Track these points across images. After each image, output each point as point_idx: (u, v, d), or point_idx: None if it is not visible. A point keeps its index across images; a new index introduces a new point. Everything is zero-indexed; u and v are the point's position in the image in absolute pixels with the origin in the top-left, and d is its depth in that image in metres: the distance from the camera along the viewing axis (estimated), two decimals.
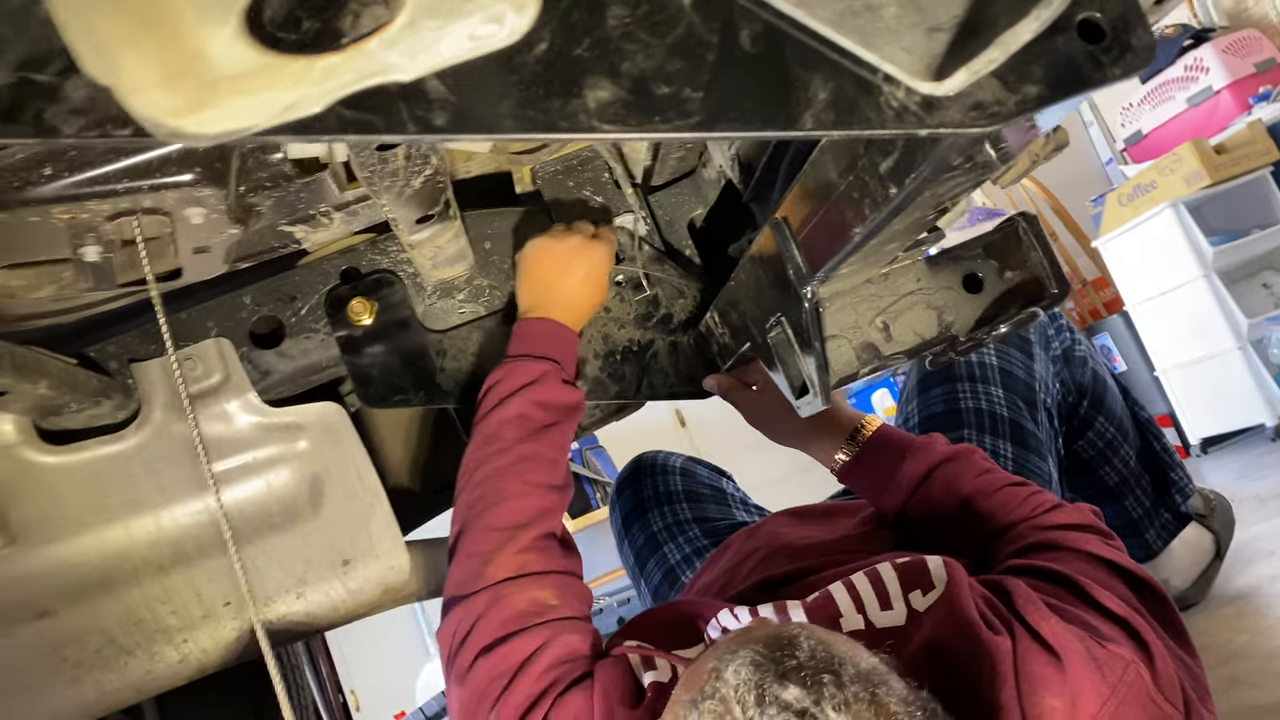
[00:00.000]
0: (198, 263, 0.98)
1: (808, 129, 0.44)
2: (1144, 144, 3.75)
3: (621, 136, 0.44)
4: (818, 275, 0.75)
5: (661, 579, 1.60)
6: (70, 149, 0.74)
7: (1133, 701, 0.80)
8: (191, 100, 0.33)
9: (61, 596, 1.16)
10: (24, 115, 0.41)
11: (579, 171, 1.35)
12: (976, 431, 1.32)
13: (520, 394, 1.15)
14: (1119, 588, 0.93)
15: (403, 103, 0.42)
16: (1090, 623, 0.87)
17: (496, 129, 0.43)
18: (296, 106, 0.35)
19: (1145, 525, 1.60)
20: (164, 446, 1.20)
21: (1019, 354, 1.40)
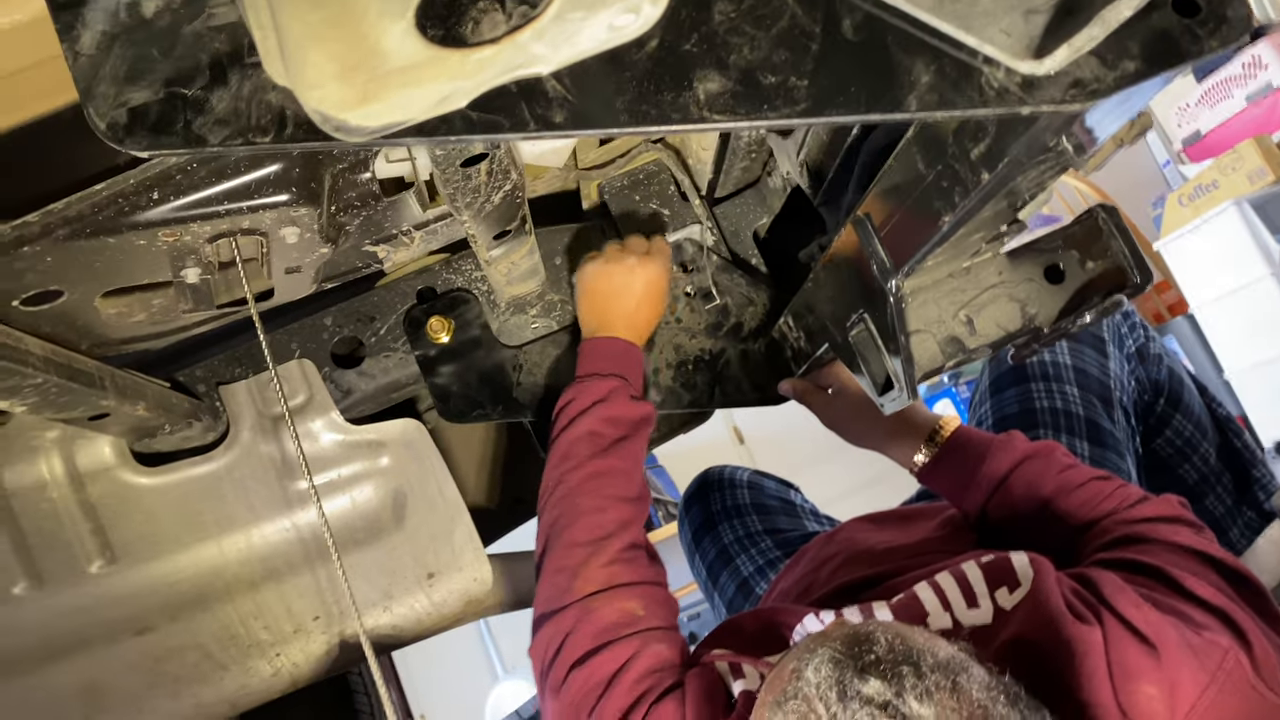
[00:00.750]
0: (289, 283, 1.01)
1: (912, 111, 0.45)
2: (1203, 143, 3.68)
3: (732, 126, 0.45)
4: (902, 269, 0.76)
5: (735, 591, 1.60)
6: (177, 172, 0.78)
7: (1232, 689, 0.78)
8: (361, 94, 0.35)
9: (160, 613, 1.19)
10: (174, 128, 0.43)
11: (645, 185, 1.37)
12: (1053, 431, 1.31)
13: (590, 412, 1.17)
14: (1212, 577, 0.92)
15: (524, 103, 0.44)
16: (1184, 612, 0.85)
17: (612, 124, 0.45)
18: (449, 99, 0.37)
19: (1228, 524, 1.57)
20: (252, 466, 1.24)
21: (1093, 352, 1.38)
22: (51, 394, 0.92)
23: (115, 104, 0.44)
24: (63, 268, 0.82)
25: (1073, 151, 0.56)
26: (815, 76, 0.44)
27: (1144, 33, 0.46)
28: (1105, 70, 0.44)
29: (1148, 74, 0.44)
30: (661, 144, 1.31)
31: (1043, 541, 1.03)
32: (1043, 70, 0.45)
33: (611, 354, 1.22)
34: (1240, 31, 0.46)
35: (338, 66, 0.35)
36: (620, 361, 1.22)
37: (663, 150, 1.31)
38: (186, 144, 0.43)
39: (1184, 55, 0.45)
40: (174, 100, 0.43)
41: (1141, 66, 0.44)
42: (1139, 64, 0.45)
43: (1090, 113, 0.49)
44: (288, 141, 0.41)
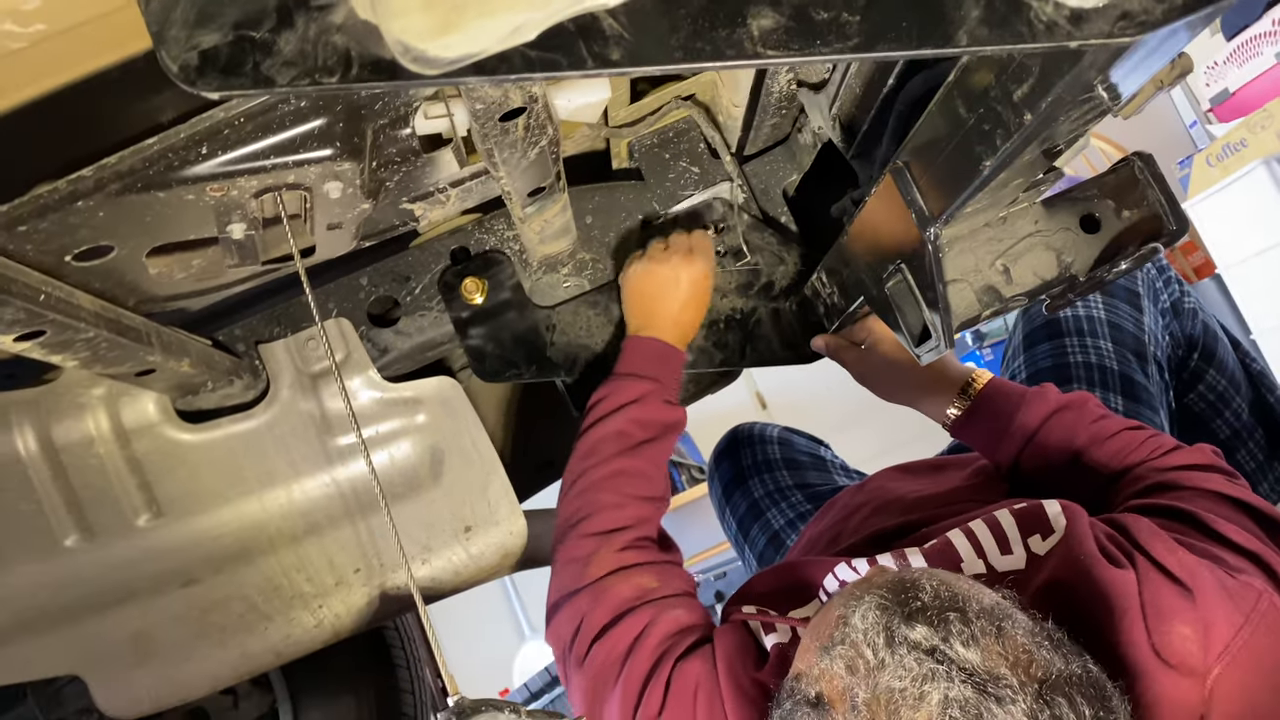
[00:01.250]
0: (330, 239, 1.03)
1: (963, 45, 0.45)
2: (1231, 102, 3.64)
3: (786, 61, 0.46)
4: (941, 217, 0.77)
5: (766, 544, 1.62)
6: (224, 127, 0.79)
7: (1266, 630, 0.79)
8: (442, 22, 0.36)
9: (205, 565, 1.23)
10: (243, 69, 0.45)
11: (675, 144, 1.38)
12: (1087, 386, 1.31)
13: (621, 411, 1.21)
14: (1245, 522, 0.92)
15: (581, 41, 0.45)
16: (1218, 555, 0.86)
17: (668, 60, 0.46)
18: (521, 30, 0.38)
19: (1259, 479, 1.57)
20: (292, 423, 1.26)
21: (1127, 307, 1.38)
22: (101, 349, 0.94)
23: (187, 47, 0.45)
24: (114, 222, 0.84)
25: (1115, 92, 0.56)
26: (867, 12, 0.45)
27: None
28: (1154, 2, 0.44)
29: (1197, 6, 0.45)
30: (691, 101, 1.32)
31: (1075, 491, 1.04)
32: (1091, 3, 0.46)
33: (651, 355, 1.25)
34: None
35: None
36: (659, 364, 1.25)
37: (693, 108, 1.32)
38: (256, 84, 0.44)
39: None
40: (242, 43, 0.45)
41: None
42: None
43: (1134, 50, 0.50)
44: (353, 82, 0.43)
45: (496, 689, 3.56)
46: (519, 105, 0.87)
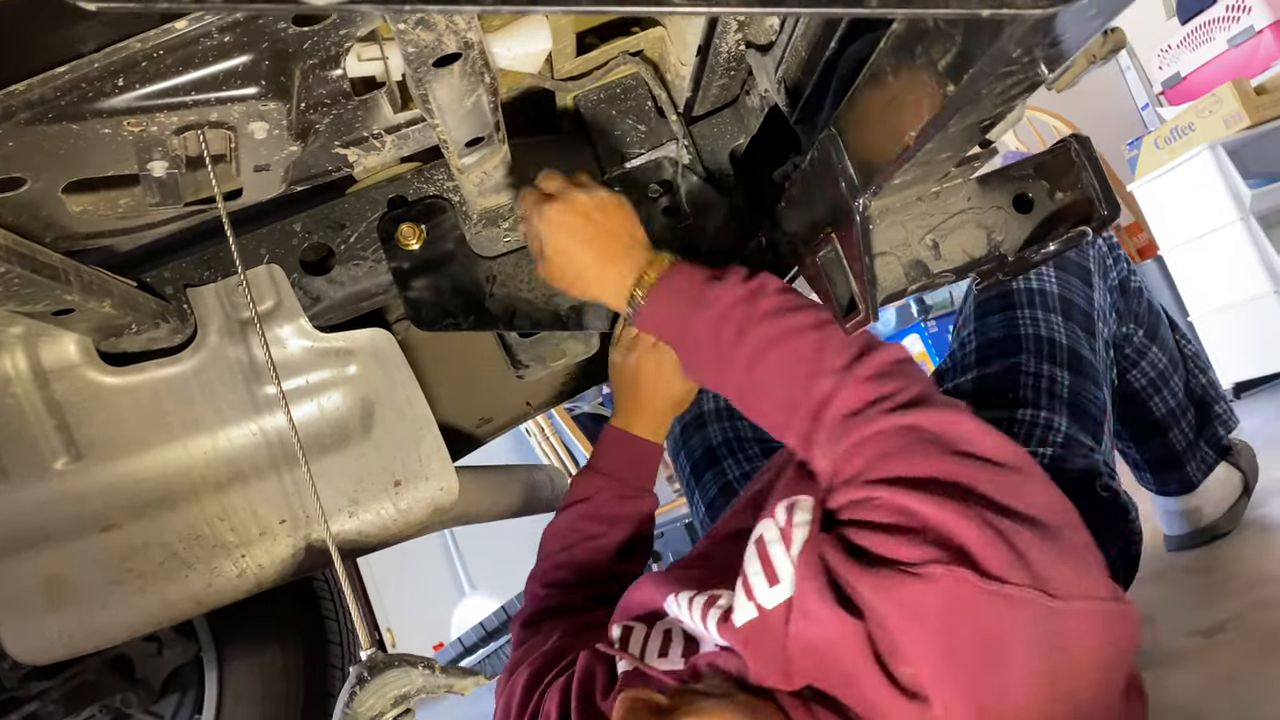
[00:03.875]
0: (257, 182, 1.00)
1: (873, 7, 0.45)
2: (1182, 86, 3.69)
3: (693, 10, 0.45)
4: (870, 187, 0.76)
5: (718, 493, 1.62)
6: (142, 59, 0.76)
7: (962, 612, 0.70)
8: None
9: (125, 511, 1.20)
10: None
11: (621, 100, 1.36)
12: (1035, 358, 1.31)
13: (572, 509, 1.34)
14: (927, 478, 0.77)
15: None
16: (895, 559, 0.74)
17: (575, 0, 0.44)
18: None
19: (1187, 458, 1.61)
20: (219, 369, 1.24)
21: (1079, 282, 1.39)
22: (14, 285, 0.91)
23: None
24: (25, 154, 0.81)
25: (1041, 65, 0.56)
26: None
27: None
28: None
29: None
30: (640, 57, 1.30)
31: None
32: None
33: (615, 449, 1.36)
34: None
35: None
36: (622, 458, 1.34)
37: (641, 64, 1.30)
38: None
39: None
40: None
41: None
42: None
43: (1057, 22, 0.49)
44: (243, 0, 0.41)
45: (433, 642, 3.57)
46: (454, 50, 0.85)
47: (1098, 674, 0.71)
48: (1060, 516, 0.76)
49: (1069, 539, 0.75)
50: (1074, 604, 0.70)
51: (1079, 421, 1.25)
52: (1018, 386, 1.28)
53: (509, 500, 1.63)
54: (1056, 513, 0.76)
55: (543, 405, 1.82)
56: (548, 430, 3.60)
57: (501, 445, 3.99)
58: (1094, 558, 0.76)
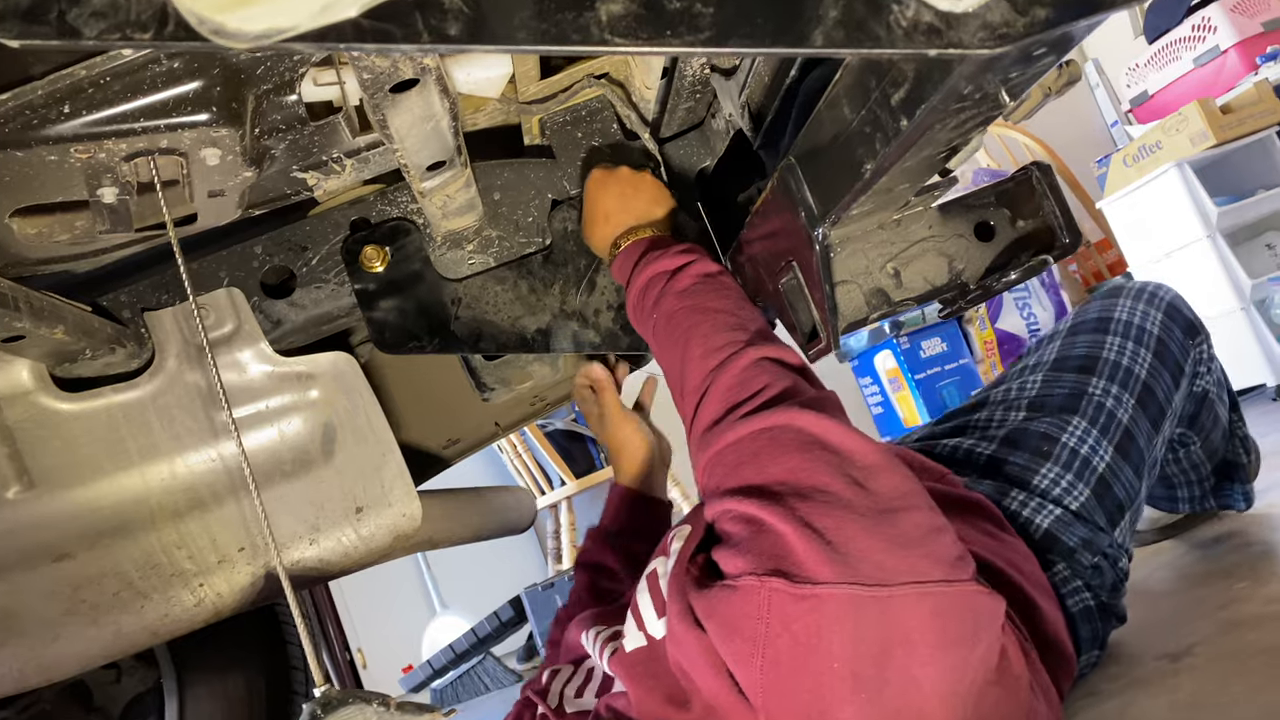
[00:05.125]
0: (212, 207, 0.98)
1: (817, 46, 0.44)
2: (1150, 104, 3.73)
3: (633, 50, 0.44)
4: (829, 217, 0.76)
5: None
6: (89, 86, 0.75)
7: (776, 620, 0.69)
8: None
9: (79, 540, 1.18)
10: (46, 18, 0.41)
11: (588, 122, 1.35)
12: (1089, 423, 1.27)
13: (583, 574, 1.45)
14: (774, 467, 0.77)
15: (419, 12, 0.43)
16: (720, 580, 0.75)
17: (510, 40, 0.44)
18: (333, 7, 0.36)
19: (1182, 505, 1.65)
20: (178, 394, 1.22)
21: (1169, 378, 1.35)
22: None
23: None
24: None
25: (995, 101, 0.56)
26: (721, 4, 0.43)
27: None
28: (1016, 15, 0.43)
29: (1058, 22, 0.44)
30: (606, 79, 1.29)
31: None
32: (960, 7, 0.45)
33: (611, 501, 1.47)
34: None
35: None
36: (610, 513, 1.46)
37: (607, 86, 1.29)
38: (60, 35, 0.41)
39: (1097, 5, 0.45)
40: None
41: (1053, 14, 0.44)
42: (1050, 11, 0.44)
43: (1006, 61, 0.49)
44: (169, 40, 0.39)
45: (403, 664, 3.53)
46: (411, 76, 0.84)
47: (947, 657, 0.70)
48: (902, 500, 0.75)
49: (906, 525, 0.73)
50: (902, 590, 0.69)
51: (1100, 499, 1.24)
52: (1056, 443, 1.26)
53: (475, 524, 1.61)
54: (899, 498, 0.75)
55: (512, 425, 1.81)
56: (520, 448, 3.58)
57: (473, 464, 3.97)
58: (935, 542, 0.74)
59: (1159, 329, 1.37)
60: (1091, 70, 4.38)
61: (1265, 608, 1.23)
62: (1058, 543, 1.19)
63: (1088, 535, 1.20)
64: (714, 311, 0.94)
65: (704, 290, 1.00)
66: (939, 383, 3.62)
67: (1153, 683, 1.16)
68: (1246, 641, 1.14)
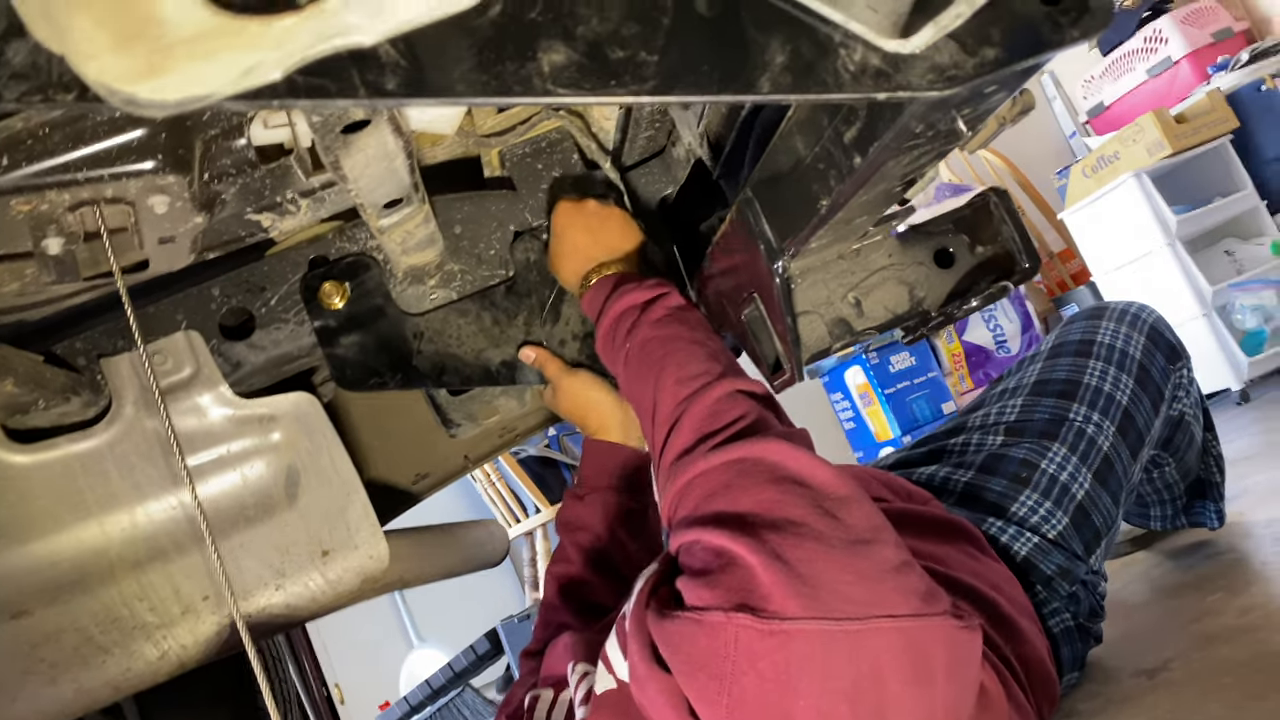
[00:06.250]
0: (164, 253, 0.96)
1: (764, 93, 0.43)
2: (1106, 115, 3.78)
3: (576, 101, 0.43)
4: (788, 250, 0.75)
5: None
6: (27, 137, 0.73)
7: (742, 657, 0.67)
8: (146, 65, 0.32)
9: (37, 596, 1.14)
10: None
11: (548, 154, 1.35)
12: (1068, 450, 1.27)
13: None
14: (745, 497, 0.76)
15: (355, 68, 0.41)
16: (689, 616, 0.72)
17: (449, 93, 0.43)
18: (255, 72, 0.34)
19: (1154, 522, 1.65)
20: (136, 442, 1.19)
21: (1149, 405, 1.36)
22: None
23: None
24: None
25: (947, 135, 0.55)
26: (666, 52, 0.43)
27: (1006, 19, 0.45)
28: (965, 56, 0.43)
29: (1007, 62, 0.44)
30: (565, 111, 1.29)
31: None
32: (909, 49, 0.45)
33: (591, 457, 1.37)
34: (1102, 22, 0.46)
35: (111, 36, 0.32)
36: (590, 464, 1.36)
37: (567, 117, 1.29)
38: None
39: (1044, 44, 0.45)
40: None
41: (1001, 54, 0.44)
42: (999, 51, 0.44)
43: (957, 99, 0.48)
44: (93, 100, 0.38)
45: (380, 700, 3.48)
46: (363, 118, 0.83)
47: (921, 692, 0.69)
48: (873, 534, 0.73)
49: (877, 558, 0.72)
50: (872, 624, 0.68)
51: (1078, 527, 1.23)
52: (1035, 469, 1.26)
53: (446, 561, 1.59)
54: (869, 531, 0.74)
55: (482, 458, 1.78)
56: (494, 476, 3.55)
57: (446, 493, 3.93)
58: (905, 575, 0.72)
59: (1141, 354, 1.37)
60: (1048, 83, 4.44)
61: (1238, 619, 1.23)
62: (1035, 570, 1.19)
63: (1065, 564, 1.19)
64: (688, 342, 0.93)
65: (677, 322, 1.00)
66: (909, 396, 3.63)
67: (1131, 700, 1.16)
68: (1221, 657, 1.14)
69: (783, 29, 0.43)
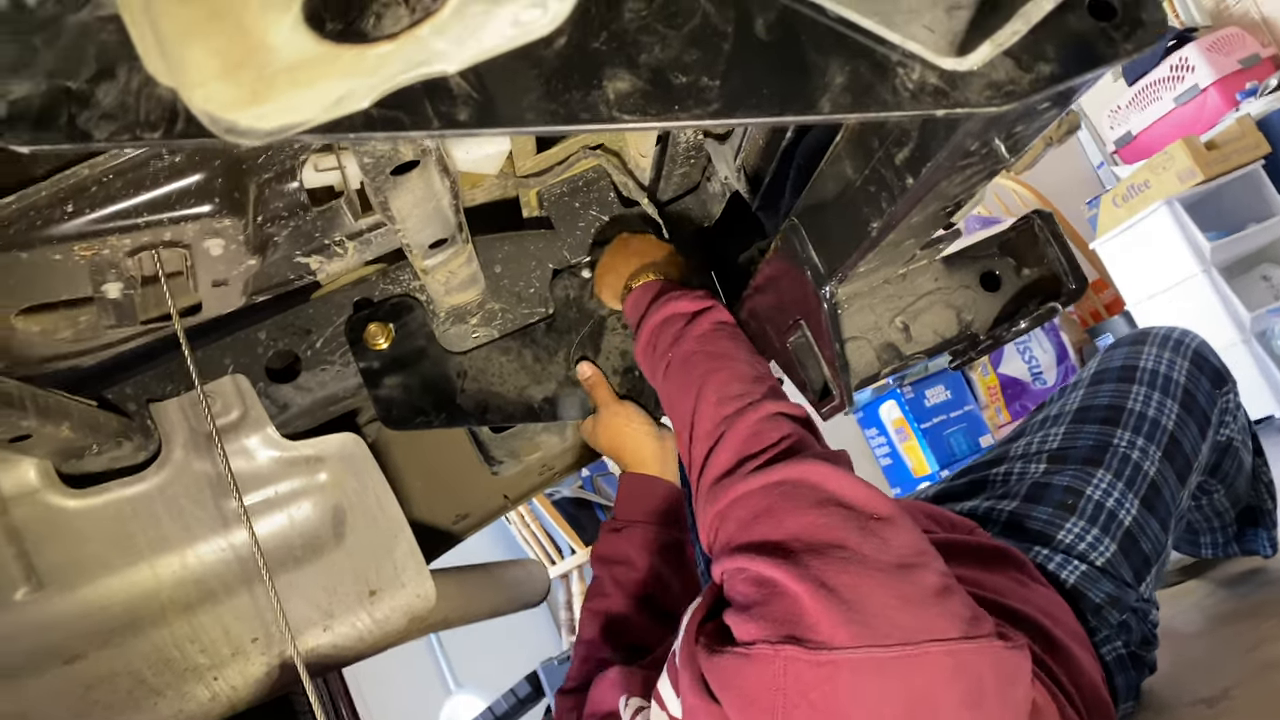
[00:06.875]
0: (216, 296, 0.98)
1: (825, 113, 0.44)
2: (1134, 145, 3.78)
3: (641, 126, 0.44)
4: (836, 275, 0.76)
5: None
6: (92, 184, 0.75)
7: (793, 690, 0.68)
8: (250, 93, 0.33)
9: (90, 640, 1.16)
10: (57, 122, 0.41)
11: (585, 193, 1.36)
12: (1114, 476, 1.24)
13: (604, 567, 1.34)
14: (788, 522, 0.76)
15: (427, 100, 0.43)
16: (738, 651, 0.73)
17: (519, 123, 0.44)
18: (347, 100, 0.36)
19: (1205, 550, 1.62)
20: (186, 485, 1.21)
21: (1196, 430, 1.33)
22: None
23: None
24: None
25: (999, 155, 0.56)
26: (727, 77, 0.44)
27: (1060, 35, 0.46)
28: (1021, 73, 0.44)
29: (1063, 78, 0.44)
30: (601, 149, 1.30)
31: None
32: (965, 66, 0.45)
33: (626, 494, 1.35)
34: (1155, 35, 0.47)
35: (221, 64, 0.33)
36: (625, 502, 1.35)
37: (603, 156, 1.31)
38: (70, 139, 0.41)
39: (1099, 59, 0.45)
40: (57, 93, 0.41)
41: (1057, 70, 0.44)
42: (1055, 67, 0.45)
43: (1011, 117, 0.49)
44: (178, 138, 0.40)
45: None
46: (412, 158, 0.85)
47: (969, 714, 0.68)
48: (917, 558, 0.73)
49: (922, 582, 0.71)
50: (923, 649, 0.67)
51: (1127, 554, 1.20)
52: (1080, 496, 1.23)
53: (490, 601, 1.59)
54: (914, 555, 0.73)
55: (521, 497, 1.79)
56: (529, 518, 3.55)
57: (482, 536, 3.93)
58: (950, 600, 0.72)
59: (1185, 378, 1.35)
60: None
61: None
62: (1084, 598, 1.16)
63: (1114, 591, 1.17)
64: (731, 360, 0.94)
65: (721, 338, 1.00)
66: (945, 430, 3.60)
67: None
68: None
69: (842, 51, 0.44)
